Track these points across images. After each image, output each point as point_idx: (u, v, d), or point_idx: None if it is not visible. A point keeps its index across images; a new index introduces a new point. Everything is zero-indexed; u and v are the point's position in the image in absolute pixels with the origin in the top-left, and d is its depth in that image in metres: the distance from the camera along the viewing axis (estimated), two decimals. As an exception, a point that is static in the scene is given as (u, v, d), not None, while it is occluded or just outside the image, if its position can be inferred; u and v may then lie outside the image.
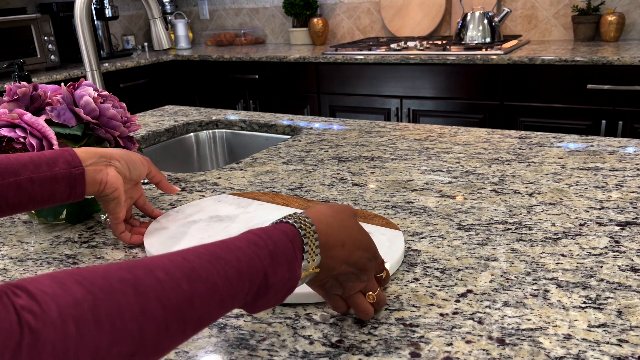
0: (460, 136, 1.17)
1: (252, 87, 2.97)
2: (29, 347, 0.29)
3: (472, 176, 0.93)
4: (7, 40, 2.61)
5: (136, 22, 3.75)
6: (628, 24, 2.53)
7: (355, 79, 2.63)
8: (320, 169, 1.02)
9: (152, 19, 1.16)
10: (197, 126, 1.49)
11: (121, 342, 0.32)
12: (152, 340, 0.34)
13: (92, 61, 1.15)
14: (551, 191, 0.85)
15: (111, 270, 0.35)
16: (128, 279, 0.35)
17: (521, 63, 2.21)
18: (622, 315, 0.53)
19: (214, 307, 0.39)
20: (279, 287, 0.43)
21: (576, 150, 1.03)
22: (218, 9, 3.72)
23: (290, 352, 0.51)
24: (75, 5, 1.08)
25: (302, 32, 3.25)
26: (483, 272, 0.62)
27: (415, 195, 0.86)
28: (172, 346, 0.36)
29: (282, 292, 0.44)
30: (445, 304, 0.57)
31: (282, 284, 0.44)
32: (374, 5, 3.14)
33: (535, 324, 0.53)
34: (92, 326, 0.31)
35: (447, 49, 2.45)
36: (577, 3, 2.61)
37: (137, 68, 2.96)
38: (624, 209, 0.77)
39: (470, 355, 0.49)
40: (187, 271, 0.38)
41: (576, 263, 0.63)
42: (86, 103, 0.79)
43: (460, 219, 0.77)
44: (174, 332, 0.36)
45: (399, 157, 1.06)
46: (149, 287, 0.35)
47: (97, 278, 0.34)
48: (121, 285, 0.34)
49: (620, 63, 2.03)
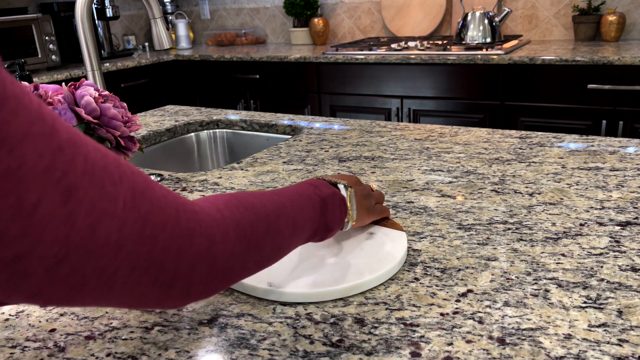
0: (461, 136, 1.17)
1: (253, 87, 2.97)
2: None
3: (473, 176, 0.93)
4: (8, 40, 2.61)
5: (137, 22, 3.75)
6: (629, 23, 2.53)
7: (356, 78, 2.63)
8: (320, 169, 1.02)
9: (153, 19, 1.16)
10: (197, 126, 1.49)
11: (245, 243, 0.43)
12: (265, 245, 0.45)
13: (93, 61, 1.15)
14: (551, 191, 0.85)
15: (248, 198, 0.46)
16: (258, 207, 0.46)
17: (522, 63, 2.21)
18: (623, 315, 0.53)
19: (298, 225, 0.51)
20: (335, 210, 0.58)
21: (577, 150, 1.03)
22: (219, 9, 3.72)
23: (291, 352, 0.51)
24: (76, 5, 1.09)
25: (303, 32, 3.25)
26: (483, 271, 0.63)
27: (415, 195, 0.86)
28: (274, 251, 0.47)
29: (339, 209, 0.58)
30: (445, 303, 0.57)
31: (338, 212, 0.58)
32: (374, 5, 3.14)
33: (536, 323, 0.53)
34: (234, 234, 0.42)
35: (447, 49, 2.45)
36: (577, 3, 2.61)
37: (138, 68, 2.96)
38: (625, 209, 0.77)
39: (471, 355, 0.49)
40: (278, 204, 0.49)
41: (576, 263, 0.63)
42: (87, 103, 0.79)
43: (460, 218, 0.77)
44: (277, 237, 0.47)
45: (400, 157, 1.06)
46: (267, 214, 0.46)
47: (243, 203, 0.44)
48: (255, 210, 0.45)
49: (621, 63, 2.03)
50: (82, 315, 0.59)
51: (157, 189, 0.35)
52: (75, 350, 0.53)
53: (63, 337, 0.56)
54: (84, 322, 0.58)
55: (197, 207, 0.38)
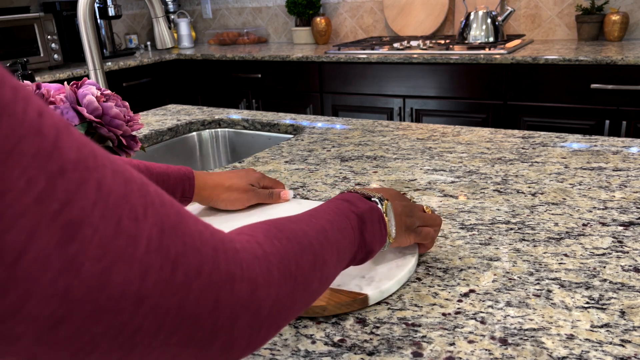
0: (463, 136, 1.17)
1: (255, 86, 2.97)
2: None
3: (475, 176, 0.93)
4: (11, 39, 2.61)
5: (139, 21, 3.75)
6: (632, 23, 2.52)
7: (358, 78, 2.63)
8: (322, 169, 1.02)
9: (155, 18, 1.16)
10: (199, 125, 1.49)
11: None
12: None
13: (95, 60, 1.15)
14: (554, 191, 0.84)
15: (291, 226, 0.41)
16: (300, 237, 0.40)
17: (524, 62, 2.21)
18: (625, 315, 0.53)
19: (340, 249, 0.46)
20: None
21: (579, 150, 1.03)
22: (221, 8, 3.72)
23: (293, 352, 0.51)
24: (78, 4, 1.09)
25: (305, 32, 3.25)
26: (486, 271, 0.62)
27: (418, 194, 0.86)
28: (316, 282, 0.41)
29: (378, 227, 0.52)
30: (447, 303, 0.57)
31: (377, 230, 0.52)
32: (377, 5, 3.13)
33: (538, 324, 0.52)
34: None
35: (450, 49, 2.45)
36: (580, 2, 2.60)
37: (140, 67, 2.96)
38: (628, 209, 0.76)
39: (473, 355, 0.49)
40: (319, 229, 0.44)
41: (579, 263, 0.63)
42: (89, 102, 0.79)
43: (463, 218, 0.76)
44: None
45: (402, 156, 1.06)
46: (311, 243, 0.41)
47: (286, 234, 0.39)
48: (299, 241, 0.40)
49: (624, 63, 2.03)
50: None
51: (192, 223, 0.29)
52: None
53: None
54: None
55: (238, 245, 0.32)
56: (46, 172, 0.21)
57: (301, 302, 0.38)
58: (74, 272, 0.22)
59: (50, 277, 0.21)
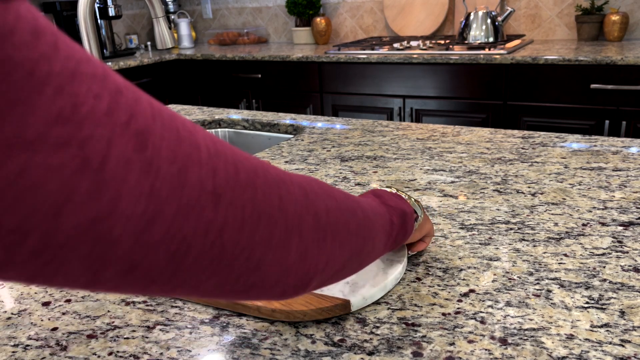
0: (463, 136, 1.17)
1: (255, 86, 2.97)
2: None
3: (475, 176, 0.93)
4: (11, 39, 2.61)
5: (139, 21, 3.75)
6: (632, 23, 2.53)
7: (358, 78, 2.63)
8: (322, 169, 1.02)
9: (155, 18, 1.16)
10: (200, 125, 1.49)
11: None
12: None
13: (96, 60, 1.15)
14: (554, 191, 0.84)
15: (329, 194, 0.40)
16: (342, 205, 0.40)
17: (524, 63, 2.21)
18: (625, 315, 0.53)
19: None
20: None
21: (579, 150, 1.03)
22: (221, 8, 3.72)
23: (293, 351, 0.51)
24: (78, 4, 1.09)
25: (305, 32, 3.25)
26: (485, 271, 0.62)
27: (417, 194, 0.86)
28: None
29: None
30: (447, 303, 0.57)
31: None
32: (377, 5, 3.13)
33: (538, 324, 0.53)
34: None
35: (450, 49, 2.45)
36: (580, 2, 2.60)
37: (140, 67, 2.96)
38: (627, 209, 0.77)
39: (473, 355, 0.49)
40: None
41: (579, 263, 0.63)
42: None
43: (462, 218, 0.77)
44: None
45: (402, 156, 1.06)
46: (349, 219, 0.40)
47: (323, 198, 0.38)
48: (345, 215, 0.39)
49: (624, 63, 2.03)
50: (84, 314, 0.59)
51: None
52: (77, 349, 0.53)
53: (65, 335, 0.56)
54: (86, 321, 0.58)
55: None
56: (107, 89, 0.23)
57: (352, 232, 0.39)
58: (154, 173, 0.23)
59: (135, 178, 0.23)
